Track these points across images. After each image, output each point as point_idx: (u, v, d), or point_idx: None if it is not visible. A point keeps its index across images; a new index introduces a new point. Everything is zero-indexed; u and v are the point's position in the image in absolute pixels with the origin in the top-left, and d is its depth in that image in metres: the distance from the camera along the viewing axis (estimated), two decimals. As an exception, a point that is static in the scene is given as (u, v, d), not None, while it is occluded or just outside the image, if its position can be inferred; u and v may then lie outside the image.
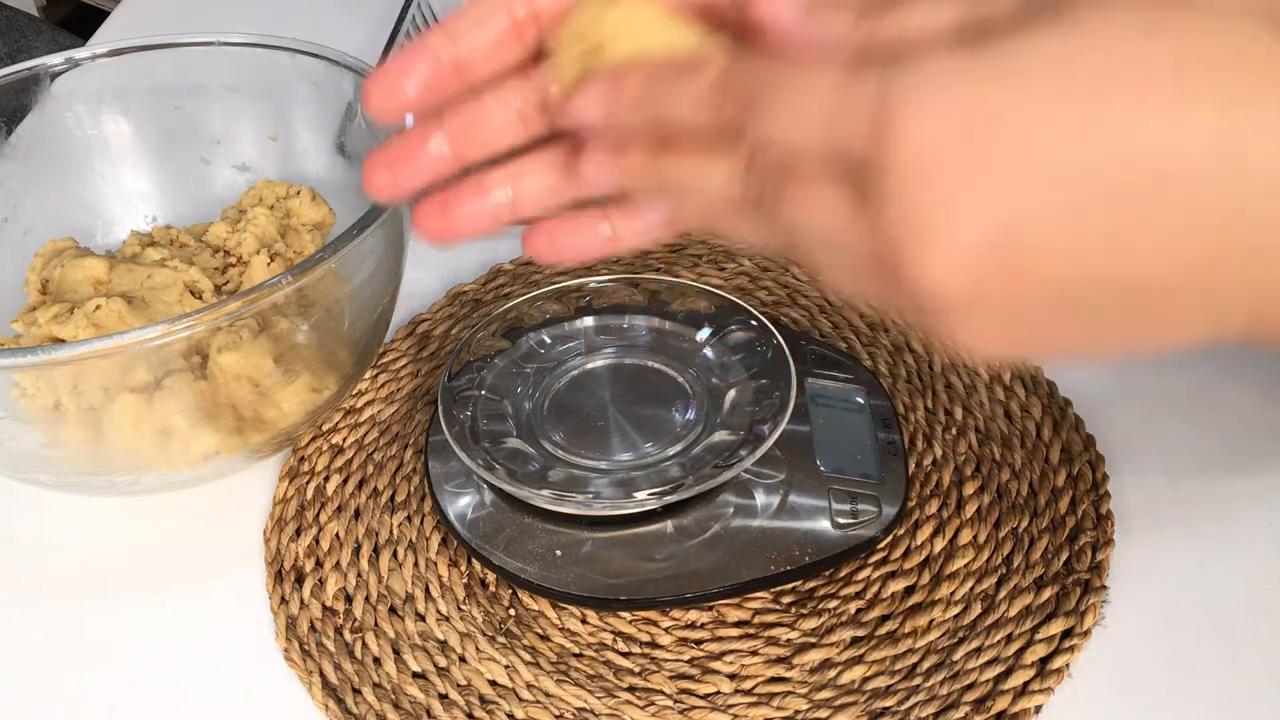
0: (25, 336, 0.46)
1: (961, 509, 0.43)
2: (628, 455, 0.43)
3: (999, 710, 0.37)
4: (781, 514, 0.42)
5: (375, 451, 0.48)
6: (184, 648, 0.42)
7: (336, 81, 0.51)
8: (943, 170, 0.20)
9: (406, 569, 0.43)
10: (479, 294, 0.56)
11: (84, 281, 0.47)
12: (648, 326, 0.48)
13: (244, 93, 0.55)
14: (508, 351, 0.47)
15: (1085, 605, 0.40)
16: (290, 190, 0.53)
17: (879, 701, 0.38)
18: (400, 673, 0.40)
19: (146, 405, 0.41)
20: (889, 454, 0.44)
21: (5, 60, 1.04)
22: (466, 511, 0.43)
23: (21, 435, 0.42)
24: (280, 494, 0.47)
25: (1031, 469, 0.44)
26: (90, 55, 0.53)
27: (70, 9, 1.76)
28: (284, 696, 0.40)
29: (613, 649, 0.40)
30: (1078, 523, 0.42)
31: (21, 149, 0.53)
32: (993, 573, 0.41)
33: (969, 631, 0.39)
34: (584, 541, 0.42)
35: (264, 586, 0.44)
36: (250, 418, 0.44)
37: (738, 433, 0.43)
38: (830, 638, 0.40)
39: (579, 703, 0.39)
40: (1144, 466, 0.45)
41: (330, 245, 0.40)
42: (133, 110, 0.55)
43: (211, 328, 0.37)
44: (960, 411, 0.47)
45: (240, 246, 0.50)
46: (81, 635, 0.43)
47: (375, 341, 0.48)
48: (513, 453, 0.43)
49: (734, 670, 0.39)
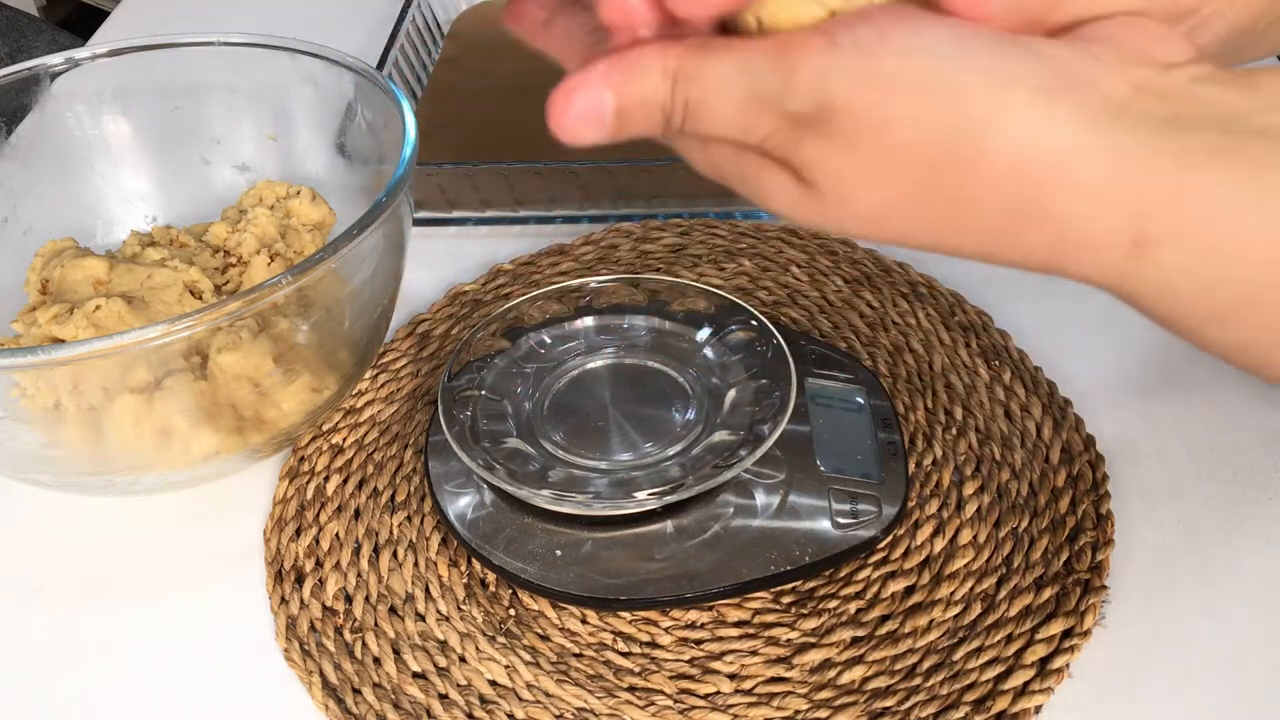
0: (25, 336, 0.46)
1: (961, 509, 0.43)
2: (628, 455, 0.43)
3: (999, 710, 0.37)
4: (781, 514, 0.42)
5: (375, 451, 0.48)
6: (184, 648, 0.42)
7: (336, 81, 0.51)
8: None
9: (406, 569, 0.43)
10: (479, 294, 0.56)
11: (84, 281, 0.47)
12: (648, 326, 0.48)
13: (244, 93, 0.55)
14: (508, 351, 0.47)
15: (1085, 605, 0.40)
16: (290, 190, 0.53)
17: (879, 701, 0.38)
18: (400, 673, 0.40)
19: (146, 405, 0.41)
20: (889, 454, 0.44)
21: (5, 60, 1.04)
22: (466, 511, 0.43)
23: (21, 435, 0.42)
24: (280, 494, 0.47)
25: (1031, 469, 0.45)
26: (90, 55, 0.53)
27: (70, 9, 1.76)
28: (284, 696, 0.40)
29: (613, 649, 0.40)
30: (1078, 523, 0.42)
31: (21, 149, 0.53)
32: (993, 573, 0.41)
33: (969, 631, 0.39)
34: (584, 541, 0.42)
35: (264, 586, 0.44)
36: (250, 418, 0.44)
37: (738, 433, 0.43)
38: (830, 638, 0.40)
39: (579, 703, 0.39)
40: (1144, 466, 0.45)
41: (330, 245, 0.40)
42: (133, 110, 0.55)
43: (211, 328, 0.37)
44: (960, 411, 0.47)
45: (240, 246, 0.50)
46: (81, 635, 0.43)
47: (375, 341, 0.48)
48: (513, 453, 0.43)
49: (734, 670, 0.39)
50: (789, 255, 0.56)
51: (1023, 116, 0.24)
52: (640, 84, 0.26)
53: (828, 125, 0.25)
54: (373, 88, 0.49)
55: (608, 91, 0.26)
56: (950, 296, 0.53)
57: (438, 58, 0.72)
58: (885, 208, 0.26)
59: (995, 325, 0.51)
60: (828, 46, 0.25)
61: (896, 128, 0.24)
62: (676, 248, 0.58)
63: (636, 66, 0.26)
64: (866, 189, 0.26)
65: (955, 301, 0.53)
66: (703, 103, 0.26)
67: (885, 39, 0.24)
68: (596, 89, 0.26)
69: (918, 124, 0.24)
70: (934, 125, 0.24)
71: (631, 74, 0.26)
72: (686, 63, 0.26)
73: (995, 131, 0.24)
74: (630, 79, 0.26)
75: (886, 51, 0.24)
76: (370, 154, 0.52)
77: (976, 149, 0.24)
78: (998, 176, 0.24)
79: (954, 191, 0.25)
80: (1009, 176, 0.24)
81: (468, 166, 0.58)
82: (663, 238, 0.58)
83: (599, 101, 0.26)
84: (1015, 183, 0.24)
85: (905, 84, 0.24)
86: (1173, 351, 0.50)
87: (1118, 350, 0.50)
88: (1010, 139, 0.24)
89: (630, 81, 0.26)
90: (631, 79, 0.26)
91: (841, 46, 0.25)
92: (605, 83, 0.26)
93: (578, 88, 0.26)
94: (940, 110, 0.24)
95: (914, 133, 0.24)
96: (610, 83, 0.26)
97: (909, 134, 0.24)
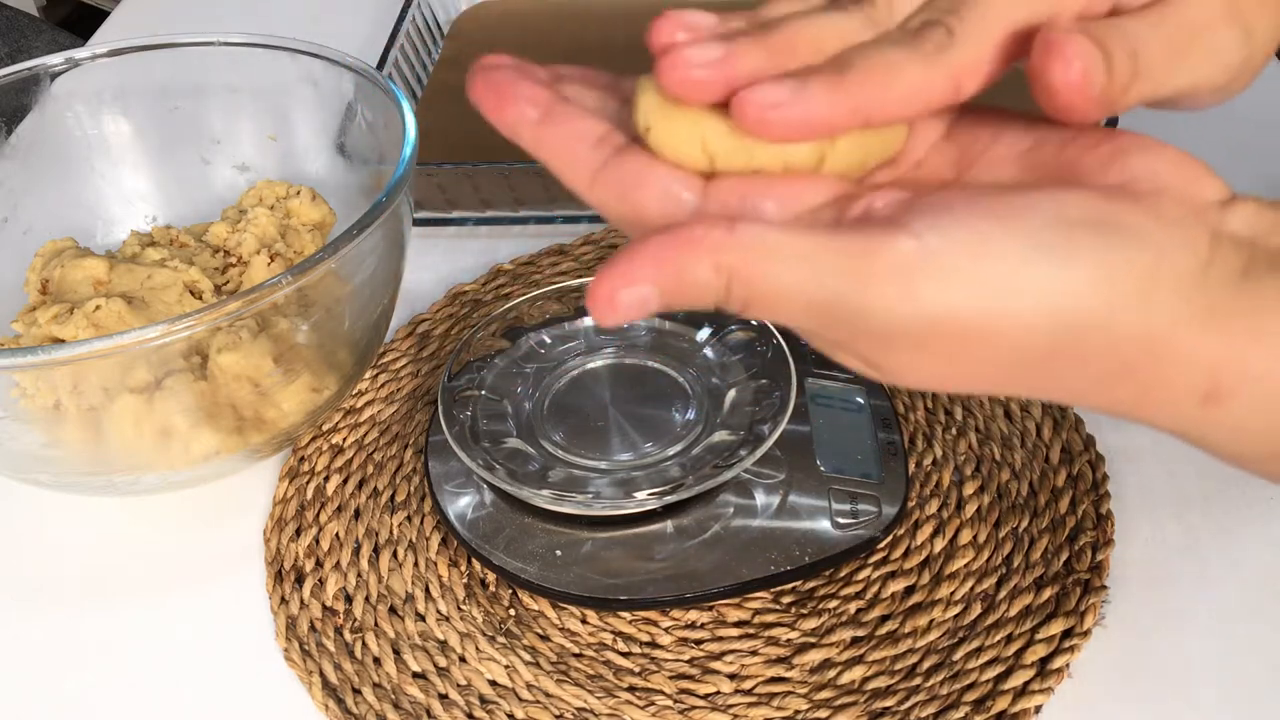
0: (25, 336, 0.46)
1: (961, 509, 0.43)
2: (628, 455, 0.43)
3: (999, 710, 0.37)
4: (781, 514, 0.42)
5: (375, 451, 0.48)
6: (184, 648, 0.42)
7: (336, 81, 0.51)
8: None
9: (406, 569, 0.43)
10: (479, 294, 0.56)
11: (84, 281, 0.47)
12: (648, 326, 0.48)
13: (244, 93, 0.55)
14: (508, 351, 0.47)
15: (1085, 605, 0.40)
16: (290, 190, 0.53)
17: (879, 701, 0.38)
18: (400, 673, 0.40)
19: (146, 405, 0.41)
20: (889, 454, 0.44)
21: (5, 60, 1.04)
22: (466, 511, 0.43)
23: (21, 435, 0.42)
24: (280, 494, 0.47)
25: (1031, 469, 0.45)
26: (90, 55, 0.53)
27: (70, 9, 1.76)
28: (284, 696, 0.40)
29: (613, 649, 0.40)
30: (1078, 523, 0.42)
31: (21, 149, 0.53)
32: (993, 573, 0.41)
33: (969, 631, 0.39)
34: (584, 541, 0.42)
35: (264, 586, 0.44)
36: (250, 418, 0.44)
37: (738, 433, 0.43)
38: (830, 638, 0.40)
39: (579, 703, 0.39)
40: (1144, 466, 0.45)
41: (330, 245, 0.40)
42: (133, 110, 0.55)
43: (211, 328, 0.37)
44: (960, 411, 0.47)
45: (240, 246, 0.50)
46: (81, 635, 0.43)
47: (375, 341, 0.48)
48: (513, 453, 0.43)
49: (734, 670, 0.39)
50: (789, 255, 0.56)
51: (1130, 308, 0.23)
52: (691, 279, 0.23)
53: (905, 337, 0.23)
54: (373, 88, 0.49)
55: (654, 287, 0.23)
56: (950, 296, 0.53)
57: (438, 58, 0.72)
58: (950, 384, 0.25)
59: (995, 325, 0.51)
60: (918, 259, 0.23)
61: (998, 340, 0.23)
62: (676, 248, 0.57)
63: (687, 262, 0.23)
64: (935, 376, 0.24)
65: (955, 301, 0.53)
66: (761, 306, 0.24)
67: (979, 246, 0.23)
68: (642, 288, 0.23)
69: (1024, 333, 0.23)
70: (1040, 331, 0.23)
71: (683, 272, 0.23)
72: (742, 264, 0.23)
73: (1103, 328, 0.23)
74: (681, 277, 0.23)
75: (983, 264, 0.23)
76: (370, 154, 0.52)
77: (1080, 343, 0.23)
78: (1095, 359, 0.24)
79: (1044, 373, 0.24)
80: (1106, 357, 0.24)
81: (468, 166, 0.58)
82: (663, 238, 0.58)
83: (644, 296, 0.23)
84: (1113, 360, 0.24)
85: (1012, 299, 0.23)
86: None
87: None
88: (1118, 330, 0.23)
89: (681, 279, 0.23)
90: (683, 277, 0.23)
91: (935, 256, 0.23)
92: (653, 280, 0.23)
93: (622, 284, 0.23)
94: (1049, 318, 0.23)
95: (1018, 339, 0.23)
96: (658, 280, 0.23)
97: (1011, 341, 0.23)
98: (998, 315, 0.23)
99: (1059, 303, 0.23)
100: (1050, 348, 0.24)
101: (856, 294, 0.23)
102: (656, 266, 0.23)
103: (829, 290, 0.23)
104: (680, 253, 0.23)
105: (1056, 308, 0.23)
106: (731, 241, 0.23)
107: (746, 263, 0.23)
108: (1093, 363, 0.24)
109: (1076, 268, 0.23)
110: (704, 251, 0.23)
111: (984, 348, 0.24)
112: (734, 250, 0.23)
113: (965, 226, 0.23)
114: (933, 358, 0.24)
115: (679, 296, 0.24)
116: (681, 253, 0.23)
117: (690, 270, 0.23)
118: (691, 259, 0.23)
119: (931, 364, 0.24)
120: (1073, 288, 0.23)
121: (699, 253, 0.23)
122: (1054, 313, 0.23)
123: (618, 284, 0.23)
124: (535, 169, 0.58)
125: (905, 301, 0.23)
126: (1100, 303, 0.23)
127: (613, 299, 0.23)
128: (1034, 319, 0.23)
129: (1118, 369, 0.24)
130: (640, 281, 0.23)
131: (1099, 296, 0.23)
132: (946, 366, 0.24)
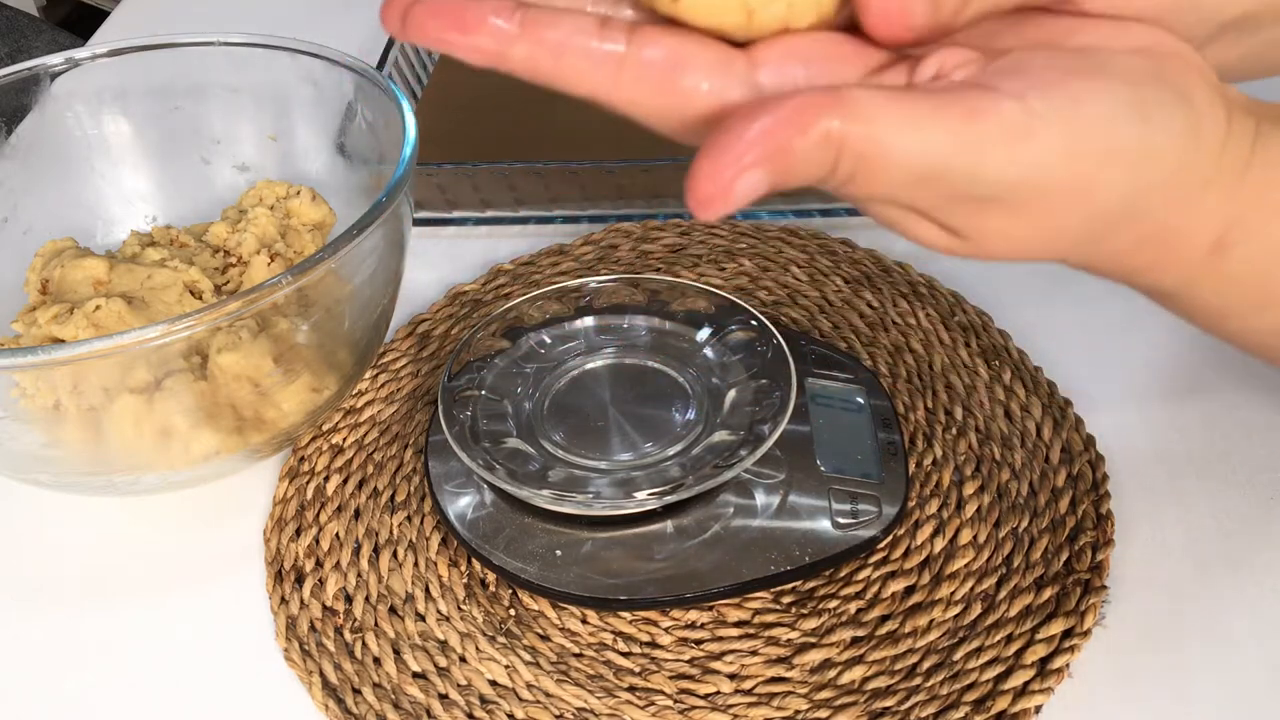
0: (25, 336, 0.46)
1: (961, 509, 0.43)
2: (628, 455, 0.43)
3: (999, 710, 0.37)
4: (781, 514, 0.42)
5: (375, 451, 0.48)
6: (184, 648, 0.42)
7: (336, 81, 0.51)
8: None
9: (406, 569, 0.43)
10: (479, 294, 0.56)
11: (84, 281, 0.47)
12: (648, 326, 0.48)
13: (244, 93, 0.55)
14: (508, 351, 0.47)
15: (1085, 605, 0.40)
16: (290, 190, 0.53)
17: (879, 701, 0.38)
18: (400, 673, 0.40)
19: (146, 405, 0.41)
20: (889, 454, 0.44)
21: (5, 60, 1.04)
22: (466, 511, 0.43)
23: (21, 435, 0.42)
24: (280, 494, 0.47)
25: (1031, 469, 0.45)
26: (90, 55, 0.53)
27: (70, 9, 1.76)
28: (284, 696, 0.40)
29: (613, 649, 0.40)
30: (1078, 523, 0.42)
31: (21, 149, 0.53)
32: (993, 573, 0.41)
33: (969, 631, 0.39)
34: (584, 541, 0.42)
35: (264, 586, 0.44)
36: (250, 418, 0.44)
37: (738, 433, 0.43)
38: (830, 638, 0.40)
39: (579, 703, 0.39)
40: (1144, 466, 0.45)
41: (330, 245, 0.40)
42: (133, 110, 0.55)
43: (211, 328, 0.37)
44: (960, 411, 0.47)
45: (240, 246, 0.50)
46: (81, 635, 0.43)
47: (375, 341, 0.48)
48: (513, 453, 0.43)
49: (734, 670, 0.39)
50: (789, 255, 0.56)
51: (1187, 166, 0.23)
52: (802, 155, 0.22)
53: (1004, 202, 0.23)
54: (373, 88, 0.49)
55: (763, 170, 0.21)
56: (950, 296, 0.53)
57: (438, 58, 0.72)
58: (1025, 250, 0.25)
59: (995, 325, 0.51)
60: (1024, 121, 0.22)
61: (1087, 199, 0.23)
62: (676, 248, 0.58)
63: (796, 137, 0.21)
64: (1018, 241, 0.24)
65: (955, 301, 0.53)
66: (868, 177, 0.22)
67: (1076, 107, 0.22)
68: (753, 174, 0.21)
69: (1106, 192, 0.23)
70: (1118, 190, 0.23)
71: (792, 148, 0.21)
72: (853, 133, 0.22)
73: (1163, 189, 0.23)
74: (791, 154, 0.21)
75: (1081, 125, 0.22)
76: (370, 154, 0.52)
77: (1142, 202, 0.24)
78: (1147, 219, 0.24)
79: (1104, 235, 0.24)
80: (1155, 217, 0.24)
81: (468, 166, 0.58)
82: (662, 238, 0.58)
83: (755, 182, 0.22)
84: (1157, 222, 0.24)
85: (1105, 159, 0.23)
86: (1173, 351, 0.50)
87: (1118, 350, 0.50)
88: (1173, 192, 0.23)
89: (791, 156, 0.21)
90: (793, 153, 0.21)
91: (1039, 117, 0.22)
92: (762, 161, 0.21)
93: (734, 172, 0.21)
94: (1130, 177, 0.23)
95: (1100, 199, 0.23)
96: (768, 161, 0.21)
97: (1096, 200, 0.23)
98: (1092, 174, 0.23)
99: (1139, 162, 0.23)
100: (1121, 208, 0.24)
101: (968, 158, 0.22)
102: (765, 144, 0.21)
103: (939, 156, 0.22)
104: (789, 127, 0.21)
105: (1137, 167, 0.23)
106: (842, 110, 0.21)
107: (857, 132, 0.22)
108: (1143, 223, 0.24)
109: (1154, 129, 0.23)
110: (815, 122, 0.21)
111: (1071, 210, 0.23)
112: (845, 119, 0.21)
113: (1059, 87, 0.22)
114: (1026, 221, 0.23)
115: (787, 176, 0.22)
116: (792, 126, 0.21)
117: (800, 145, 0.21)
118: (800, 133, 0.21)
119: (1023, 228, 0.24)
120: (1152, 147, 0.23)
121: (811, 125, 0.21)
122: (1135, 172, 0.23)
123: (730, 173, 0.21)
124: (535, 169, 0.58)
125: (1015, 164, 0.22)
126: (1170, 163, 0.23)
127: (729, 190, 0.21)
128: (1119, 177, 0.23)
129: (1157, 231, 0.24)
130: (752, 166, 0.21)
131: (1171, 157, 0.23)
132: (1034, 230, 0.24)
